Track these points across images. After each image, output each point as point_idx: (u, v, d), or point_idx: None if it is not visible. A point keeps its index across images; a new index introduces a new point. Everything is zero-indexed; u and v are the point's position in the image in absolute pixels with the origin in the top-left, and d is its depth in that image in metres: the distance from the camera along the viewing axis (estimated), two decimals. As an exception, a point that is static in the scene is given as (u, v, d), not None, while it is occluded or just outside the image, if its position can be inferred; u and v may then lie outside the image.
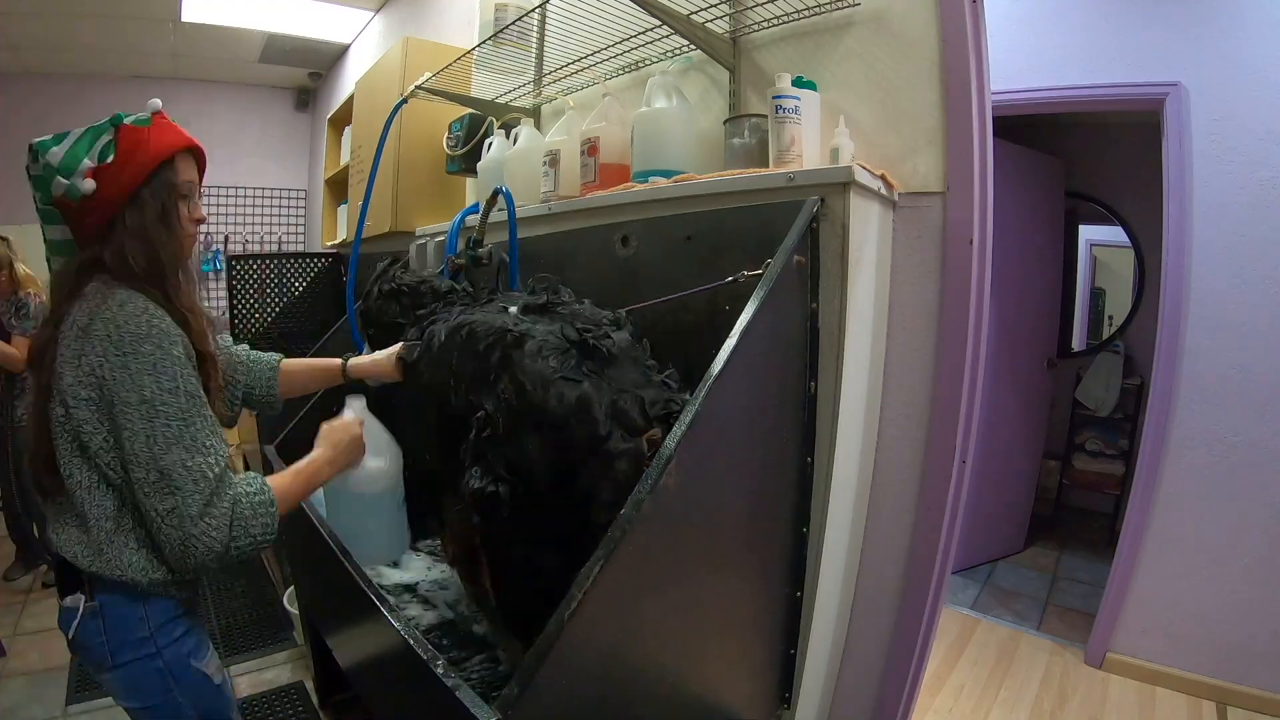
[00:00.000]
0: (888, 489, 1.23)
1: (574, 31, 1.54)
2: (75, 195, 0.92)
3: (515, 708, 0.65)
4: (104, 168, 0.92)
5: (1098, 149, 3.71)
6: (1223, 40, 2.17)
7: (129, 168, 0.94)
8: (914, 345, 1.20)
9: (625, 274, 1.33)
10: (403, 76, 2.17)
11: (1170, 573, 2.28)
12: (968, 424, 1.17)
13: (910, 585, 1.21)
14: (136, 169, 0.94)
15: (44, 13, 3.66)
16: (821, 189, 1.07)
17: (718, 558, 0.96)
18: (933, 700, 2.19)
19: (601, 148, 1.44)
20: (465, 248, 1.56)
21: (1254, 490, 2.15)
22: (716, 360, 0.86)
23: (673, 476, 0.78)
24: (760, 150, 1.24)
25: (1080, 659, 2.45)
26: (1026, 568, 3.29)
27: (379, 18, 3.90)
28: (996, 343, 2.09)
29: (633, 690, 0.84)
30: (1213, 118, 2.19)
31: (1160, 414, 2.28)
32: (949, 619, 2.68)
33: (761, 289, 0.95)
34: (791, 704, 1.18)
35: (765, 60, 1.38)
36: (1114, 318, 3.94)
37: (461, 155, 1.98)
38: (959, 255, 1.14)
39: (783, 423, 1.07)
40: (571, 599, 0.69)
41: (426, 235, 1.99)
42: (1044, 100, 2.47)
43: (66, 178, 0.92)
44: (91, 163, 0.92)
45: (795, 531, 1.12)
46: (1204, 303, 2.22)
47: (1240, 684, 2.17)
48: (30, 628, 2.58)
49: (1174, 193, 2.24)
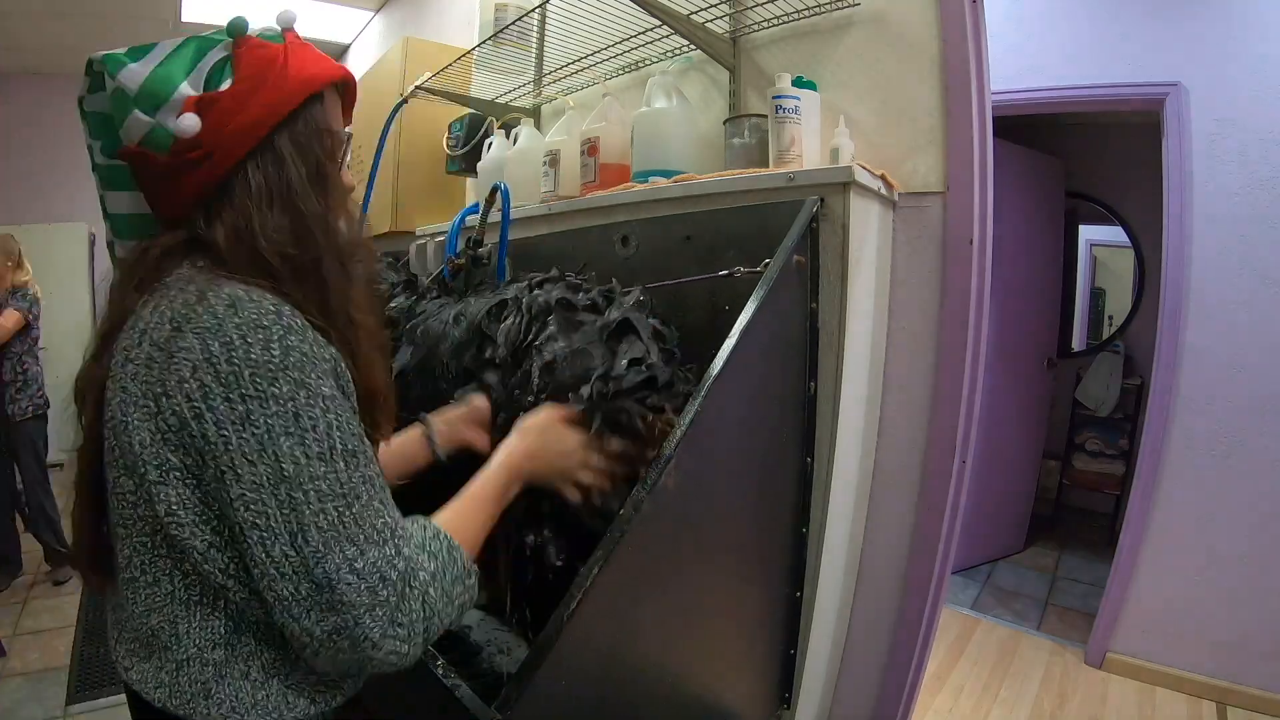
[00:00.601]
0: (888, 489, 1.23)
1: (574, 31, 1.54)
2: (165, 140, 0.59)
3: (515, 708, 0.65)
4: (215, 97, 0.60)
5: (1098, 149, 3.71)
6: (1223, 40, 2.17)
7: (257, 99, 0.61)
8: (914, 345, 1.20)
9: (625, 274, 1.33)
10: (403, 76, 2.17)
11: (1170, 573, 2.28)
12: (968, 424, 1.17)
13: (910, 585, 1.21)
14: (270, 102, 0.61)
15: (44, 13, 3.66)
16: (821, 189, 1.07)
17: (717, 558, 0.96)
18: (933, 700, 2.19)
19: (601, 148, 1.44)
20: (465, 248, 1.56)
21: (1254, 490, 2.15)
22: (716, 360, 0.86)
23: (672, 477, 0.78)
24: (760, 150, 1.24)
25: (1080, 659, 2.45)
26: (1026, 568, 3.29)
27: (379, 18, 3.90)
28: (996, 343, 2.09)
29: (632, 690, 0.84)
30: (1213, 118, 2.19)
31: (1160, 414, 2.28)
32: (949, 619, 2.68)
33: (761, 289, 0.95)
34: (791, 704, 1.18)
35: (765, 60, 1.38)
36: (1114, 318, 3.94)
37: (461, 155, 1.98)
38: (959, 255, 1.14)
39: (783, 423, 1.07)
40: (570, 599, 0.69)
41: (426, 235, 1.99)
42: (1044, 100, 2.47)
43: (151, 112, 0.59)
44: (194, 90, 0.60)
45: (795, 532, 1.12)
46: (1204, 303, 2.22)
47: (1240, 684, 2.17)
48: (30, 627, 2.58)
49: (1174, 193, 2.24)
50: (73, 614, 2.65)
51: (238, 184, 0.61)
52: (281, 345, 0.55)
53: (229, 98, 0.60)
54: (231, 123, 0.60)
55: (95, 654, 2.36)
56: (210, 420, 0.54)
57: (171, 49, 0.61)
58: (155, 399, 0.55)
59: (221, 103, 0.60)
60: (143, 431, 0.56)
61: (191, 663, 0.60)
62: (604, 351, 0.92)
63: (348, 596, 0.54)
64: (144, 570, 0.60)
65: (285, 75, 0.63)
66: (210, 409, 0.53)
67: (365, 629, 0.54)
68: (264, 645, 0.62)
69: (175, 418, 0.55)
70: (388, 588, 0.55)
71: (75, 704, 2.08)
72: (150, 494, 0.56)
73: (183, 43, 0.62)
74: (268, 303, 0.56)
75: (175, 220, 0.63)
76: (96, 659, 2.33)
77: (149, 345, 0.56)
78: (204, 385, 0.54)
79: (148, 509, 0.58)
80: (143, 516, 0.58)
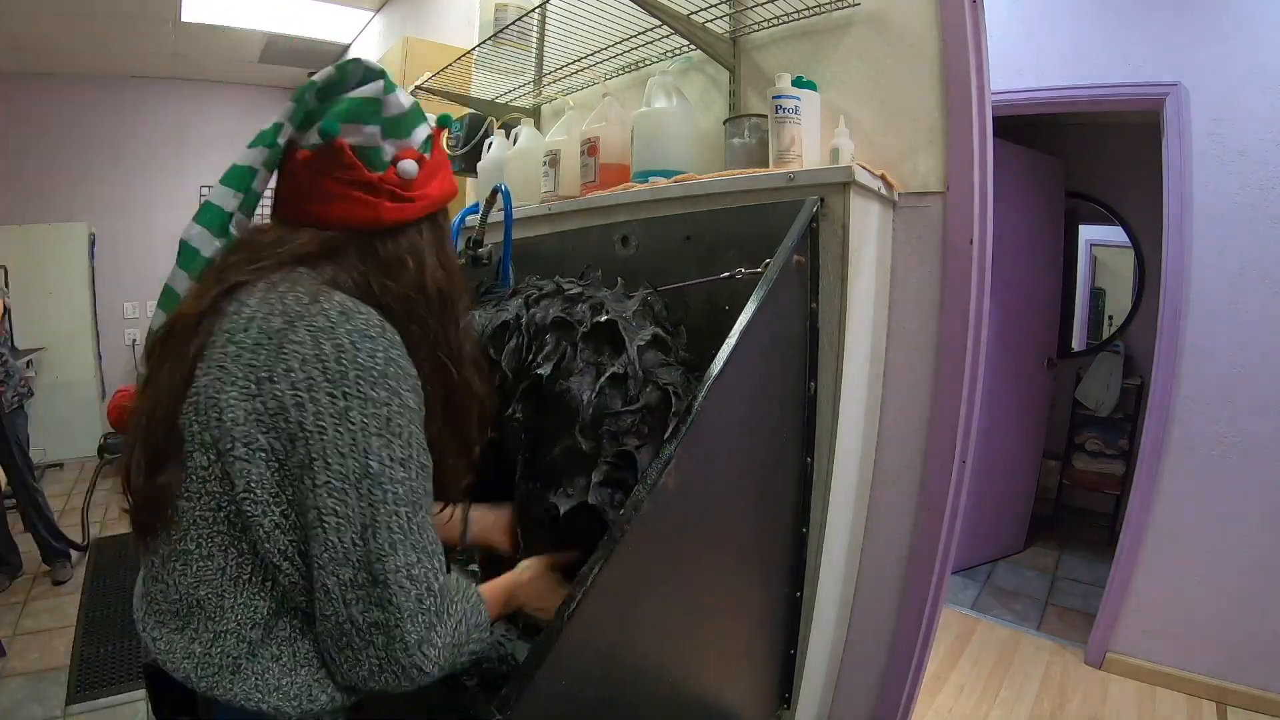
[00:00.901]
0: (888, 489, 1.23)
1: (574, 31, 1.54)
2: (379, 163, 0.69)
3: (515, 708, 0.65)
4: (424, 159, 0.72)
5: (1098, 149, 3.71)
6: (1223, 40, 2.17)
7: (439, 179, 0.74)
8: (914, 345, 1.20)
9: (625, 274, 1.33)
10: (403, 76, 2.17)
11: (1170, 573, 2.28)
12: (968, 424, 1.17)
13: (910, 585, 1.21)
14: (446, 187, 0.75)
15: (44, 13, 3.66)
16: (821, 189, 1.07)
17: (717, 558, 0.96)
18: (933, 700, 2.19)
19: (601, 148, 1.44)
20: (465, 248, 1.56)
21: (1254, 490, 2.15)
22: (716, 360, 0.86)
23: (672, 477, 0.78)
24: (760, 150, 1.24)
25: (1080, 659, 2.45)
26: (1026, 568, 3.29)
27: (379, 18, 3.90)
28: (996, 343, 2.09)
29: (632, 690, 0.84)
30: (1213, 118, 2.19)
31: (1160, 414, 2.28)
32: (949, 619, 2.68)
33: (761, 289, 0.95)
34: (791, 704, 1.18)
35: (765, 60, 1.38)
36: (1114, 318, 3.94)
37: (461, 155, 1.98)
38: (959, 255, 1.14)
39: (783, 423, 1.07)
40: (571, 599, 0.69)
41: (426, 235, 1.99)
42: (1044, 100, 2.47)
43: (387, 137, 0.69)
44: (417, 148, 0.71)
45: (795, 532, 1.12)
46: (1204, 303, 2.22)
47: (1240, 684, 2.17)
48: (30, 628, 2.58)
49: (1174, 193, 2.24)
50: (73, 614, 2.65)
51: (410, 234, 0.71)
52: (385, 356, 0.61)
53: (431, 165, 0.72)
54: (430, 187, 0.72)
55: (95, 654, 2.36)
56: (311, 410, 0.58)
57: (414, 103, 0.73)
58: (257, 382, 0.59)
59: (426, 166, 0.72)
60: (237, 410, 0.59)
61: (228, 636, 0.62)
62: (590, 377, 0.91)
63: (398, 598, 0.58)
64: (200, 544, 0.62)
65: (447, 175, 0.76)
66: (313, 399, 0.58)
67: (405, 631, 0.59)
68: (299, 634, 0.64)
69: (276, 402, 0.58)
70: (432, 598, 0.60)
71: (75, 704, 2.08)
72: (230, 469, 0.59)
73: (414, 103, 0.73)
74: (375, 317, 0.63)
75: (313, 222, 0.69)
76: (96, 659, 2.33)
77: (257, 331, 0.60)
78: (310, 378, 0.58)
79: (220, 484, 0.60)
80: (211, 492, 0.61)
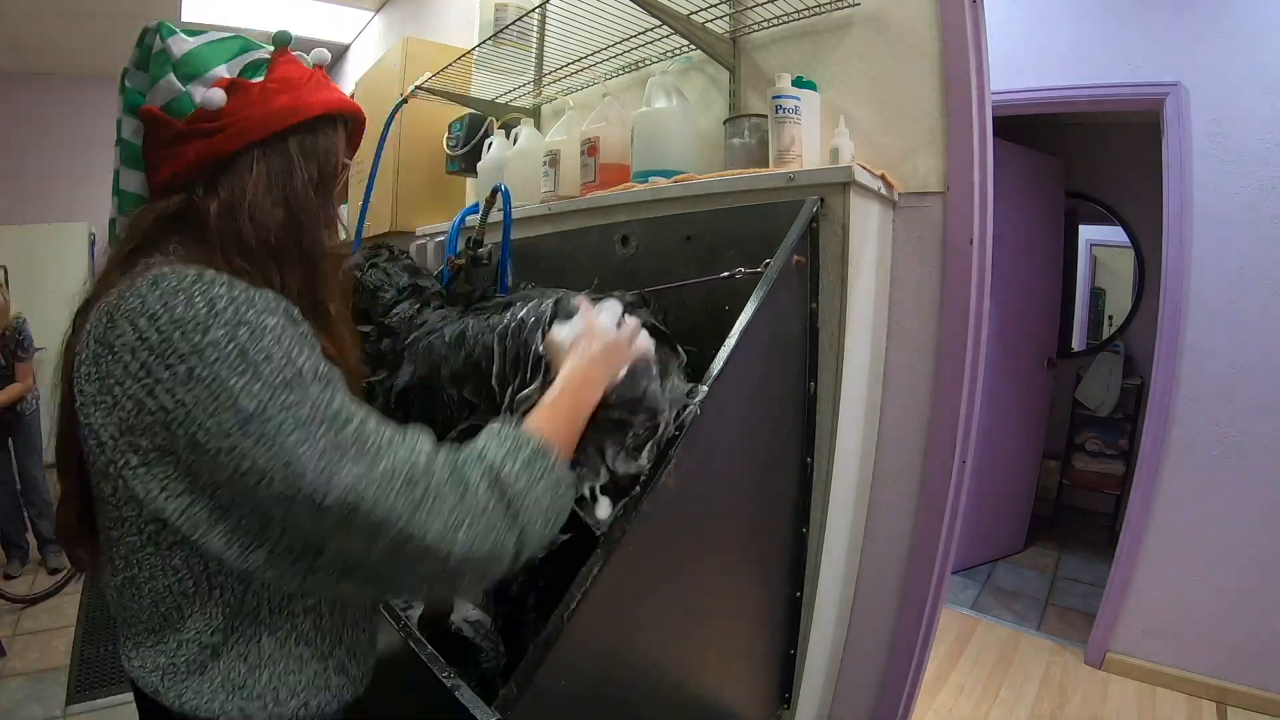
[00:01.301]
0: (888, 489, 1.23)
1: (574, 31, 1.54)
2: (186, 108, 0.63)
3: (515, 708, 0.65)
4: (244, 84, 0.64)
5: (1098, 149, 3.71)
6: (1223, 40, 2.17)
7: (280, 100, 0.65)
8: (914, 345, 1.20)
9: (625, 274, 1.33)
10: (403, 76, 2.17)
11: (1170, 573, 2.28)
12: (968, 424, 1.17)
13: (910, 585, 1.21)
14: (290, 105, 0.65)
15: (44, 13, 3.66)
16: (821, 189, 1.07)
17: (717, 558, 0.96)
18: (933, 700, 2.19)
19: (601, 148, 1.44)
20: (465, 248, 1.56)
21: (1254, 490, 2.15)
22: (716, 360, 0.86)
23: (672, 477, 0.78)
24: (760, 150, 1.24)
25: (1080, 659, 2.45)
26: (1026, 568, 3.29)
27: (379, 18, 3.90)
28: (996, 343, 2.09)
29: (632, 690, 0.84)
30: (1213, 118, 2.19)
31: (1160, 414, 2.28)
32: (949, 619, 2.69)
33: (761, 289, 0.95)
34: (791, 704, 1.18)
35: (765, 60, 1.38)
36: (1114, 318, 3.94)
37: (461, 155, 1.98)
38: (959, 255, 1.14)
39: (783, 423, 1.07)
40: (571, 599, 0.69)
41: (426, 235, 1.99)
42: (1044, 100, 2.47)
43: (184, 80, 0.63)
44: (228, 73, 0.65)
45: (795, 532, 1.12)
46: (1204, 303, 2.22)
47: (1240, 684, 2.17)
48: (30, 628, 2.59)
49: (1174, 193, 2.24)
50: (73, 614, 2.65)
51: (241, 164, 0.64)
52: (205, 297, 0.54)
53: (257, 89, 0.65)
54: (252, 110, 0.64)
55: (95, 654, 2.36)
56: (161, 392, 0.53)
57: (221, 37, 0.66)
58: (108, 392, 0.55)
59: (249, 91, 0.64)
60: (109, 427, 0.55)
61: (190, 644, 0.60)
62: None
63: (378, 512, 0.52)
64: (140, 568, 0.60)
65: (309, 90, 0.67)
66: (157, 381, 0.53)
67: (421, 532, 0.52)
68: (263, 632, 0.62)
69: (131, 402, 0.54)
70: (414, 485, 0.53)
71: (75, 704, 2.08)
72: (132, 488, 0.56)
73: (233, 35, 0.67)
74: (188, 271, 0.56)
75: (169, 189, 0.65)
76: (96, 659, 2.33)
77: (94, 343, 0.56)
78: (143, 363, 0.53)
79: (132, 508, 0.57)
80: (126, 517, 0.58)
